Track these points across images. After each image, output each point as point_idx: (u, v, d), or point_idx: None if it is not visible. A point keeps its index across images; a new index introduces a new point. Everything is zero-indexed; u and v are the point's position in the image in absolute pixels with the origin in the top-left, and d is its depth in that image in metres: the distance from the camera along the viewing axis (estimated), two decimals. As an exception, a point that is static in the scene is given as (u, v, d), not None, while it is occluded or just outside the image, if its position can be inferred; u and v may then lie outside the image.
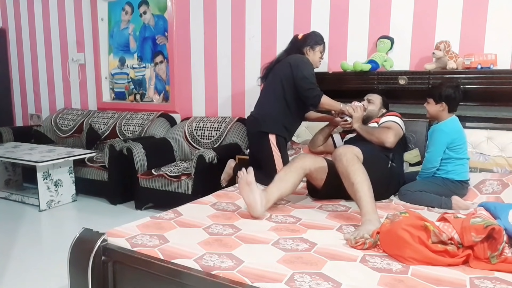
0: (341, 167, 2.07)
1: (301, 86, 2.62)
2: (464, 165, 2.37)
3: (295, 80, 2.63)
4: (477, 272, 1.46)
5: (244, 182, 2.01)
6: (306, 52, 2.81)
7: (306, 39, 2.83)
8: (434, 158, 2.35)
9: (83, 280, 1.65)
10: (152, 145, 3.81)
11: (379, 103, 2.77)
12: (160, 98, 4.63)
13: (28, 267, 2.57)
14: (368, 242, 1.64)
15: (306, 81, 2.61)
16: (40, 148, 4.22)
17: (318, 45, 2.84)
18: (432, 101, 2.38)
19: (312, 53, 2.83)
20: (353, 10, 3.33)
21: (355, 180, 1.97)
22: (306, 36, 2.85)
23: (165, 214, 2.06)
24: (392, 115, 2.62)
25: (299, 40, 2.84)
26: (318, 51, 2.84)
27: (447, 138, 2.32)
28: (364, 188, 1.94)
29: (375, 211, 1.88)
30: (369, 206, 1.89)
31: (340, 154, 2.08)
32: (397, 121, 2.54)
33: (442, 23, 3.00)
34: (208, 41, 4.09)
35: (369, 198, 1.92)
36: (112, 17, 4.85)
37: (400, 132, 2.51)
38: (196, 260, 1.51)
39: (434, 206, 2.25)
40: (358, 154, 2.12)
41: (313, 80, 2.65)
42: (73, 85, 5.21)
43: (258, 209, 1.98)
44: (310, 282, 1.35)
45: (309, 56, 2.81)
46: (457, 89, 2.36)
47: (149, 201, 3.73)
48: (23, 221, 3.46)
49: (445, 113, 2.37)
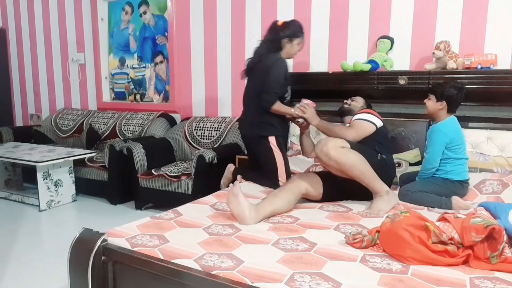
0: (333, 168, 2.18)
1: (263, 88, 2.66)
2: (463, 165, 2.37)
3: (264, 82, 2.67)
4: (477, 272, 1.46)
5: (231, 194, 1.99)
6: (283, 44, 2.74)
7: (285, 28, 2.74)
8: (433, 159, 2.35)
9: (83, 280, 1.65)
10: (152, 145, 3.81)
11: (361, 102, 2.78)
12: (160, 98, 4.63)
13: (28, 267, 2.57)
14: (366, 240, 1.64)
15: (267, 87, 2.64)
16: (40, 148, 4.22)
17: (297, 37, 2.76)
18: (433, 98, 2.37)
19: (290, 45, 2.75)
20: (353, 10, 3.33)
21: (354, 173, 2.16)
22: (286, 24, 2.76)
23: (165, 214, 2.06)
24: (363, 112, 2.56)
25: (278, 28, 2.76)
26: (296, 44, 2.77)
27: (446, 138, 2.32)
28: (366, 175, 2.16)
29: (383, 187, 2.18)
30: (377, 185, 2.17)
31: (326, 155, 2.15)
32: (365, 118, 2.49)
33: (442, 23, 3.00)
34: (208, 41, 4.09)
35: (374, 179, 2.17)
36: (112, 17, 4.85)
37: (367, 127, 2.45)
38: (196, 260, 1.51)
39: (434, 206, 2.25)
40: (344, 144, 2.19)
41: (275, 86, 2.64)
42: (73, 85, 5.21)
43: (247, 219, 1.94)
44: (310, 282, 1.35)
45: (286, 48, 2.75)
46: (460, 91, 2.35)
47: (149, 201, 3.73)
48: (23, 221, 3.46)
49: (443, 112, 2.37)
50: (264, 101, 2.67)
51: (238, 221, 1.97)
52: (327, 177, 2.31)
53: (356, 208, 2.23)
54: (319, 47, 3.48)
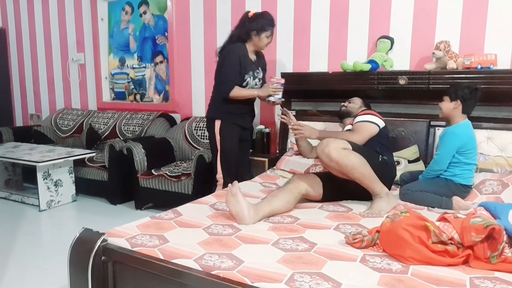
0: (334, 169, 2.19)
1: (220, 80, 2.80)
2: (471, 171, 2.35)
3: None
4: (477, 272, 1.46)
5: (230, 194, 1.99)
6: (251, 37, 2.79)
7: (254, 21, 2.79)
8: (442, 161, 2.32)
9: (83, 280, 1.65)
10: (152, 145, 3.81)
11: (359, 102, 2.79)
12: (160, 98, 4.63)
13: (28, 267, 2.57)
14: (366, 240, 1.64)
15: (223, 77, 2.77)
16: (40, 148, 4.22)
17: (265, 31, 2.78)
18: (448, 99, 2.35)
19: (258, 38, 2.79)
20: (353, 10, 3.33)
21: (355, 175, 2.16)
22: (256, 16, 2.80)
23: (165, 214, 2.06)
24: (365, 113, 2.56)
25: (249, 19, 2.80)
26: (264, 37, 2.80)
27: (458, 142, 2.29)
28: (366, 177, 2.17)
29: (383, 189, 2.19)
30: (377, 188, 2.18)
31: (328, 156, 2.15)
32: (368, 119, 2.50)
33: (442, 23, 3.00)
34: (208, 41, 4.09)
35: (374, 181, 2.18)
36: (112, 17, 4.85)
37: (370, 129, 2.46)
38: (196, 260, 1.51)
39: (434, 206, 2.25)
40: (345, 146, 2.20)
41: (229, 75, 2.73)
42: (73, 85, 5.21)
43: (246, 218, 1.94)
44: (310, 282, 1.35)
45: (254, 40, 2.80)
46: (475, 92, 2.32)
47: (149, 201, 3.73)
48: (23, 221, 3.46)
49: (458, 112, 2.33)
50: (222, 92, 2.78)
51: (237, 220, 1.97)
52: (327, 177, 2.31)
53: (356, 208, 2.23)
54: (319, 47, 3.48)
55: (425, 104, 2.91)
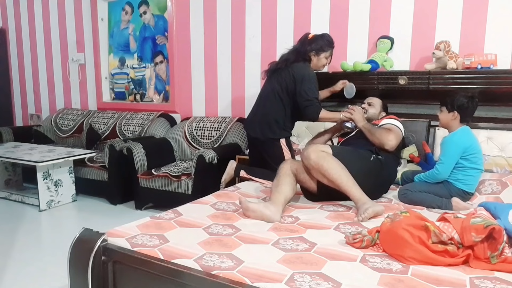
0: (314, 170, 2.22)
1: (301, 103, 2.74)
2: (475, 177, 2.30)
3: (296, 95, 2.74)
4: (477, 272, 1.46)
5: (244, 209, 2.09)
6: (311, 57, 2.83)
7: (313, 42, 2.83)
8: (444, 170, 2.28)
9: (83, 280, 1.65)
10: (152, 145, 3.81)
11: (379, 106, 2.79)
12: (160, 98, 4.63)
13: (28, 267, 2.57)
14: (366, 240, 1.64)
15: (304, 98, 2.72)
16: (40, 148, 4.22)
17: (324, 51, 2.84)
18: (445, 110, 2.33)
19: (316, 58, 2.84)
20: (353, 10, 3.33)
21: (332, 176, 2.15)
22: (315, 38, 2.85)
23: (165, 214, 2.06)
24: (392, 118, 2.64)
25: (308, 40, 2.84)
26: (323, 57, 2.85)
27: (458, 149, 2.25)
28: (344, 179, 2.14)
29: (363, 196, 2.10)
30: (357, 192, 2.11)
31: (307, 158, 2.21)
32: (397, 124, 2.56)
33: (442, 23, 3.00)
34: (208, 41, 4.09)
35: (352, 185, 2.13)
36: (112, 17, 4.85)
37: (400, 136, 2.52)
38: (196, 260, 1.51)
39: (434, 206, 2.24)
40: (324, 149, 2.25)
41: (312, 95, 2.72)
42: (73, 85, 5.21)
43: (271, 216, 2.01)
44: (310, 282, 1.35)
45: (313, 61, 2.84)
46: (472, 100, 2.29)
47: (149, 201, 3.73)
48: (23, 221, 3.46)
49: (456, 122, 2.31)
50: (309, 114, 2.75)
51: (267, 222, 2.01)
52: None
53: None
54: (319, 47, 3.47)
55: (425, 104, 2.91)
